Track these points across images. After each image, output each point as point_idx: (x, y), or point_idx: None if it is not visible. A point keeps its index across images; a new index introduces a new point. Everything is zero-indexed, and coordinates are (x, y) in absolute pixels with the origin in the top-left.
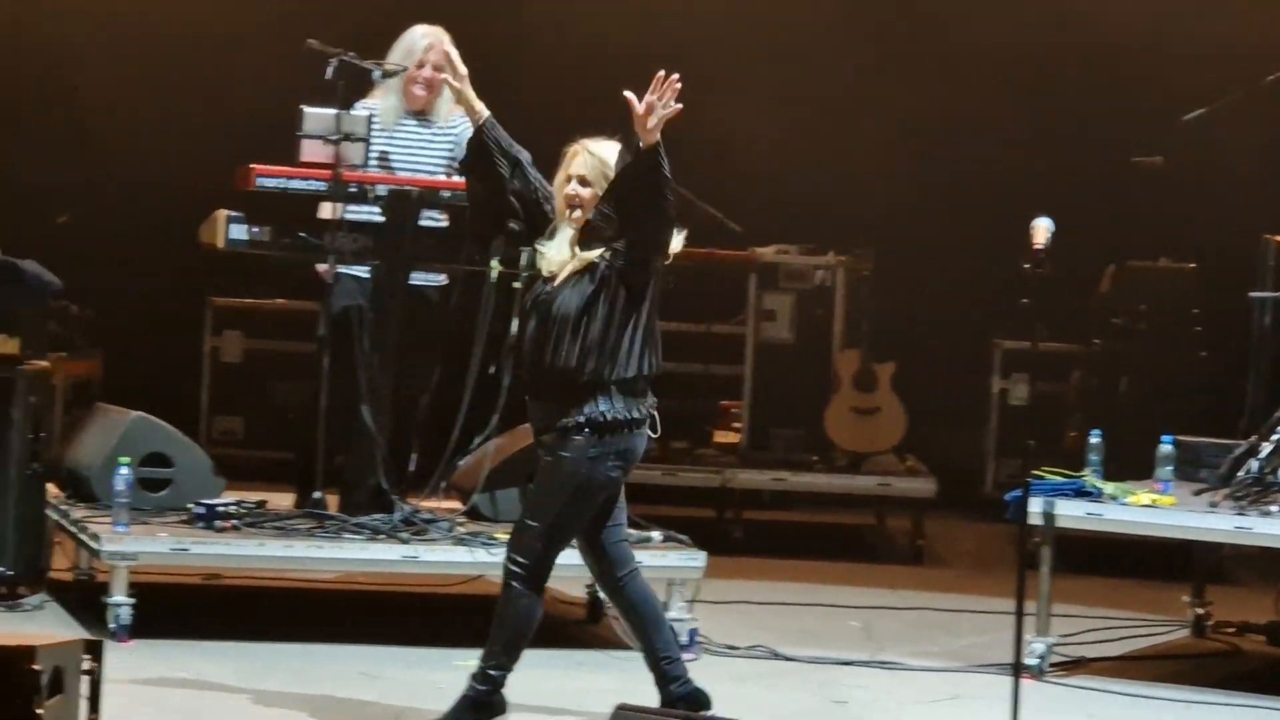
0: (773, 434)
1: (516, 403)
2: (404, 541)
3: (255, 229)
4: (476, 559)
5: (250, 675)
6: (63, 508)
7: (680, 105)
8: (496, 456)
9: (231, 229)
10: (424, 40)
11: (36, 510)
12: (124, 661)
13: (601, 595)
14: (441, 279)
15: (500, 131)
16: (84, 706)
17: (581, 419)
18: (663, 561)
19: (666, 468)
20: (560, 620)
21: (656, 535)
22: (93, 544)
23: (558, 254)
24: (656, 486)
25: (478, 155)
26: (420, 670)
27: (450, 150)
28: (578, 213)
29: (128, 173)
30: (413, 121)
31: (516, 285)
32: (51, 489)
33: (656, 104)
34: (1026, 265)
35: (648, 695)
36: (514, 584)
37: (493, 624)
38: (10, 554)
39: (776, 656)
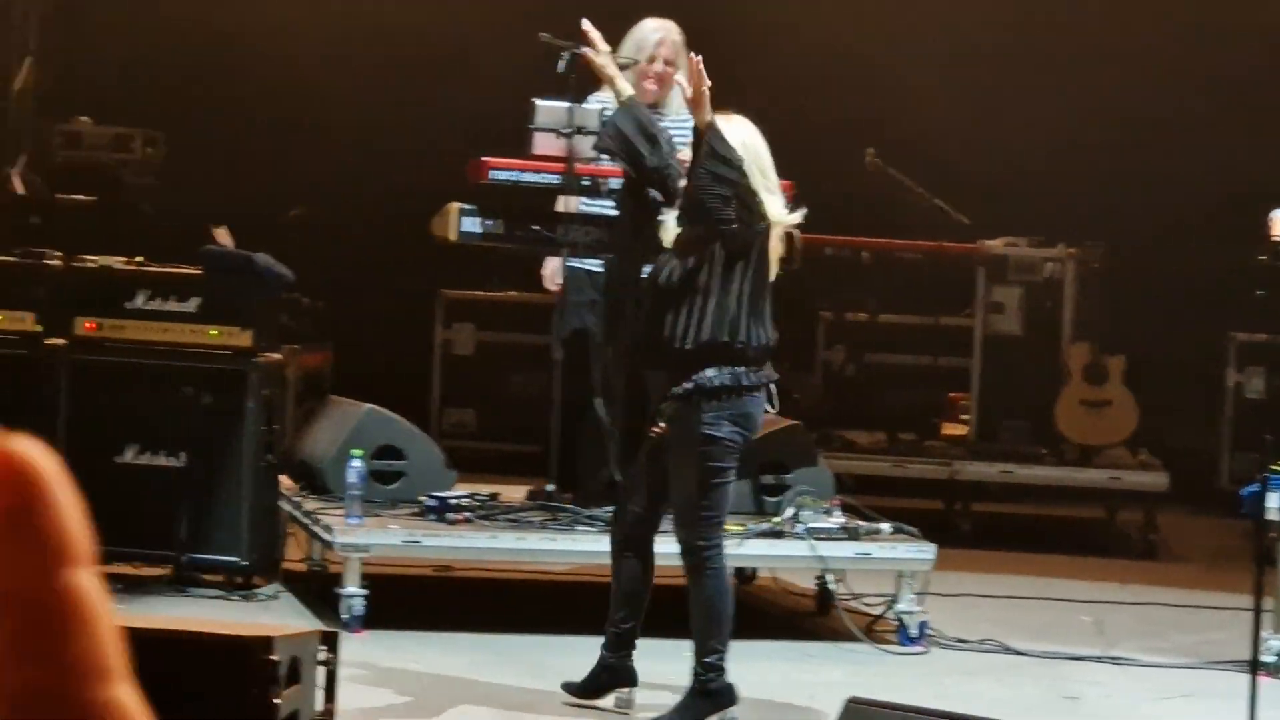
0: (1001, 426)
1: None
2: None
3: (488, 221)
4: None
5: (482, 667)
6: (296, 499)
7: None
8: None
9: (464, 221)
10: (655, 34)
11: (270, 502)
12: (357, 652)
13: (829, 582)
14: None
15: (642, 111)
16: (319, 697)
17: (690, 385)
18: (892, 554)
19: (895, 459)
20: (790, 612)
21: (886, 527)
22: (326, 536)
23: (676, 225)
24: (884, 478)
25: (618, 132)
26: (650, 661)
27: (683, 144)
28: None
29: (359, 165)
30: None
31: None
32: (285, 481)
33: (700, 87)
34: (1263, 256)
35: (880, 689)
36: (694, 568)
37: (691, 613)
38: (245, 545)
39: (1007, 651)
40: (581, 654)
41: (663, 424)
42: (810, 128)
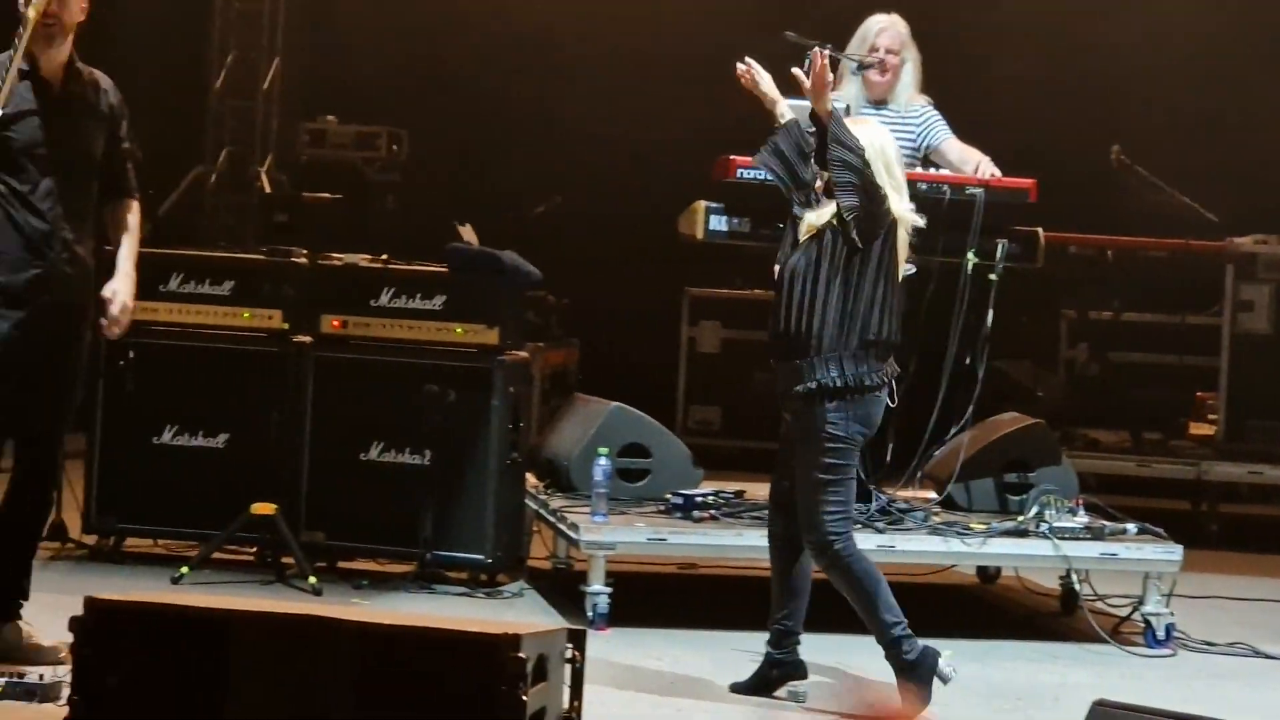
0: (1250, 426)
1: (992, 392)
2: (880, 531)
3: (734, 220)
4: (951, 549)
5: (726, 664)
6: (541, 497)
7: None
8: (972, 446)
9: (711, 220)
10: (877, 25)
11: (515, 499)
12: (601, 649)
13: (1074, 582)
14: (909, 269)
15: (800, 131)
16: (565, 694)
17: (813, 385)
18: (1138, 554)
19: (1140, 459)
20: (1033, 612)
21: (1131, 528)
22: (571, 533)
23: (813, 222)
24: (1130, 478)
25: (778, 150)
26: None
27: (913, 138)
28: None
29: (606, 162)
30: (872, 110)
31: (992, 277)
32: (530, 478)
33: (822, 77)
34: None
35: (1126, 691)
36: (831, 565)
37: (853, 605)
38: (490, 542)
39: (1257, 654)
40: (826, 652)
41: (789, 420)
42: (1055, 125)
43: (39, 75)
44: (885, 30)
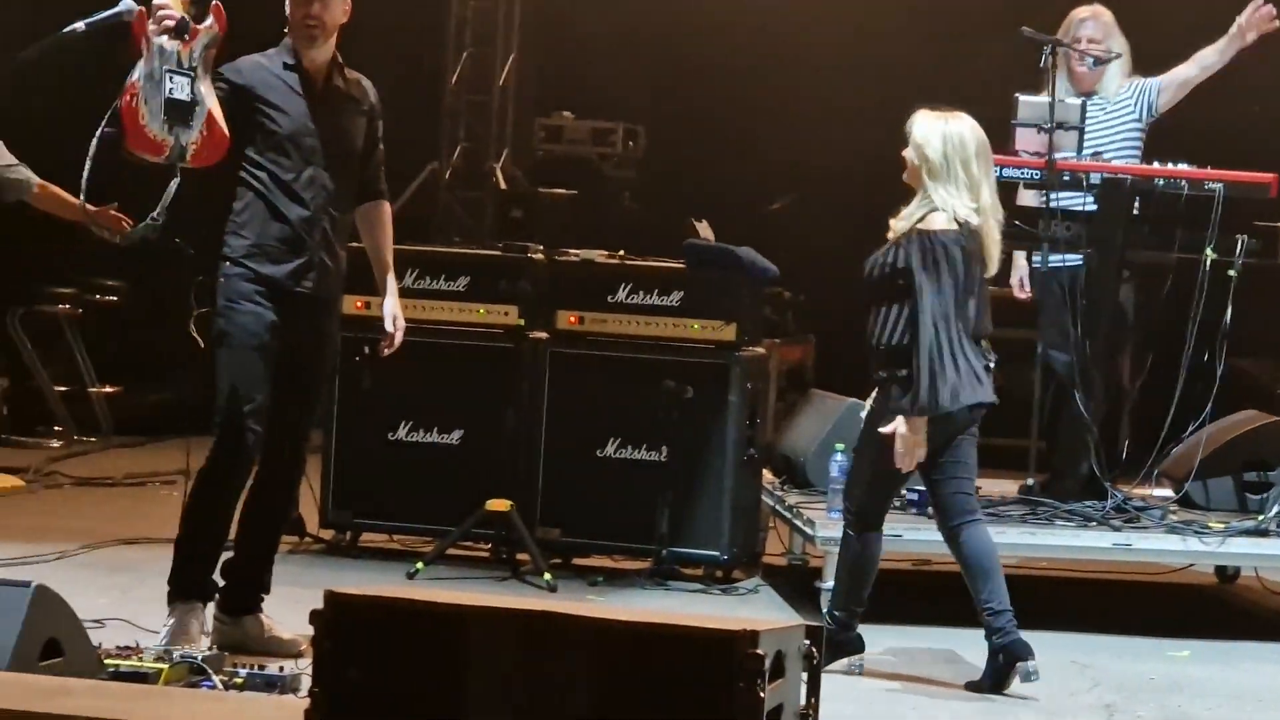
0: None
1: (1230, 390)
2: (1116, 529)
3: None
4: (1189, 548)
5: (962, 662)
6: (777, 493)
7: None
8: (1209, 444)
9: None
10: (1079, 15)
11: (752, 495)
12: None
13: None
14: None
15: None
16: (803, 691)
17: (884, 374)
18: None
19: None
20: (1275, 613)
21: None
22: (807, 529)
23: (900, 224)
24: None
25: None
26: (1130, 660)
27: (1133, 113)
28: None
29: (840, 158)
30: (1085, 101)
31: (1231, 273)
32: (766, 474)
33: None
34: None
35: None
36: (846, 530)
37: (838, 567)
38: (725, 539)
39: None
40: (1057, 649)
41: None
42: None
43: (304, 70)
44: (1087, 21)
